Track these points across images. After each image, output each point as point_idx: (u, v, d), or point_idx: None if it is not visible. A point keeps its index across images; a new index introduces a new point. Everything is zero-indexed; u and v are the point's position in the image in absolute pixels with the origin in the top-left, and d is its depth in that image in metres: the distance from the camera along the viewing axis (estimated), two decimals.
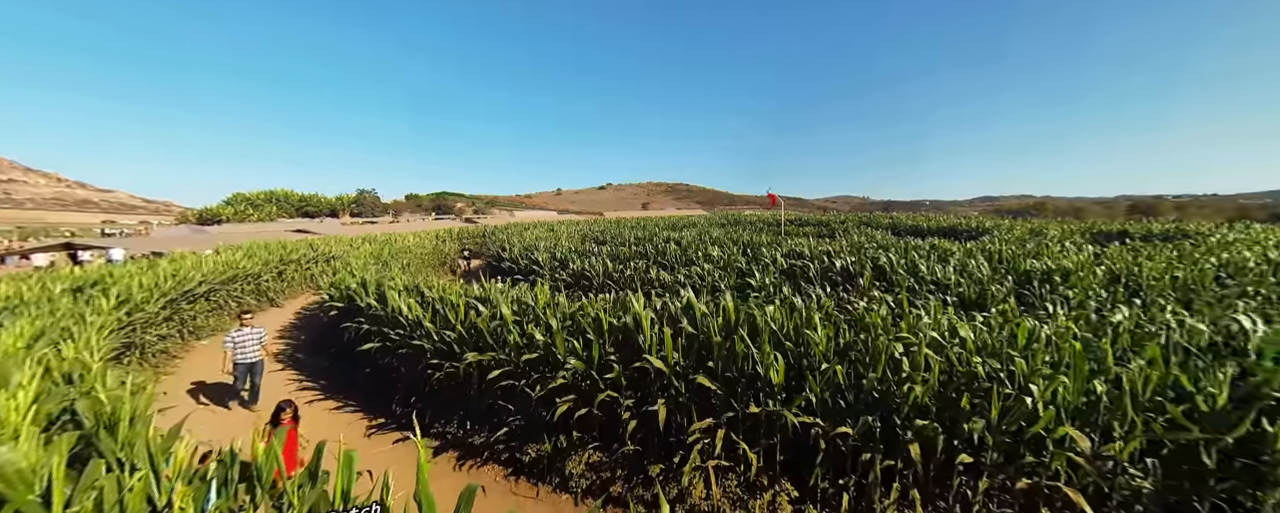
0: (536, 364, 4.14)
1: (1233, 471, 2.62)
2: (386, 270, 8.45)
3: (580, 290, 7.62)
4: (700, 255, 9.40)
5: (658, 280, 7.38)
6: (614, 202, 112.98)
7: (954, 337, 3.30)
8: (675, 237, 13.90)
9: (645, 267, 8.56)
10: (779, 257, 8.73)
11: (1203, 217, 31.15)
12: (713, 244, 11.42)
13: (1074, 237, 11.65)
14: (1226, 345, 3.16)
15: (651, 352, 3.61)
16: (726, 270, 7.70)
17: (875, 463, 3.04)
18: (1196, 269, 5.97)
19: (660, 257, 10.00)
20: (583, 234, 19.07)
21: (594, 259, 10.01)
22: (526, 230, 21.78)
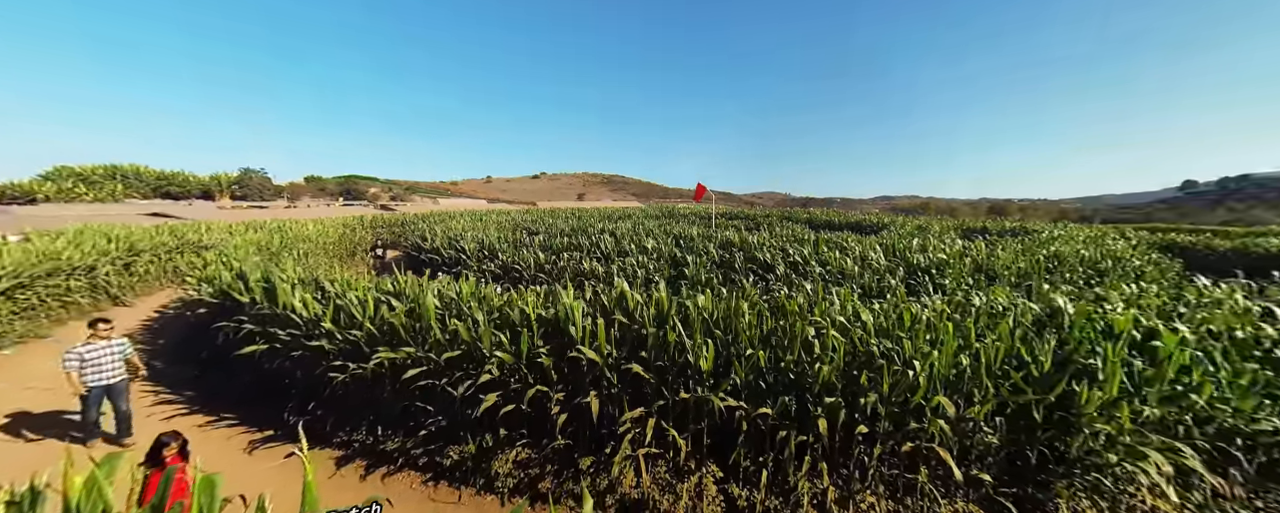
0: (460, 361, 3.89)
1: (1053, 422, 3.28)
2: (277, 262, 7.36)
3: (510, 283, 7.30)
4: (635, 247, 9.50)
5: (592, 272, 7.32)
6: (549, 191, 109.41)
7: (857, 321, 3.71)
8: (611, 228, 13.88)
9: (580, 258, 8.45)
10: (711, 248, 9.12)
11: (1037, 217, 38.76)
12: (648, 236, 11.62)
13: (949, 232, 13.69)
14: (1050, 320, 3.95)
15: (584, 344, 3.57)
16: (661, 261, 7.88)
17: (790, 439, 3.33)
18: (1033, 260, 7.39)
19: (595, 248, 9.94)
20: (514, 224, 18.33)
21: (526, 250, 9.66)
22: (452, 219, 20.36)
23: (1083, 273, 7.26)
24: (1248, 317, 4.07)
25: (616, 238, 11.00)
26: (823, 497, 3.31)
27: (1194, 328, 3.74)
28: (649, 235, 11.69)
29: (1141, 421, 3.18)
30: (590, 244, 10.33)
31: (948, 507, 3.19)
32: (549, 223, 18.06)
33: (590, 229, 13.84)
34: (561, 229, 14.50)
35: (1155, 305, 4.42)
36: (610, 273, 7.14)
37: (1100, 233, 13.91)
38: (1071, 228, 15.54)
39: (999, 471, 3.29)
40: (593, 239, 10.96)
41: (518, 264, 8.76)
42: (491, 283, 5.01)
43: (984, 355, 3.32)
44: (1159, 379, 3.23)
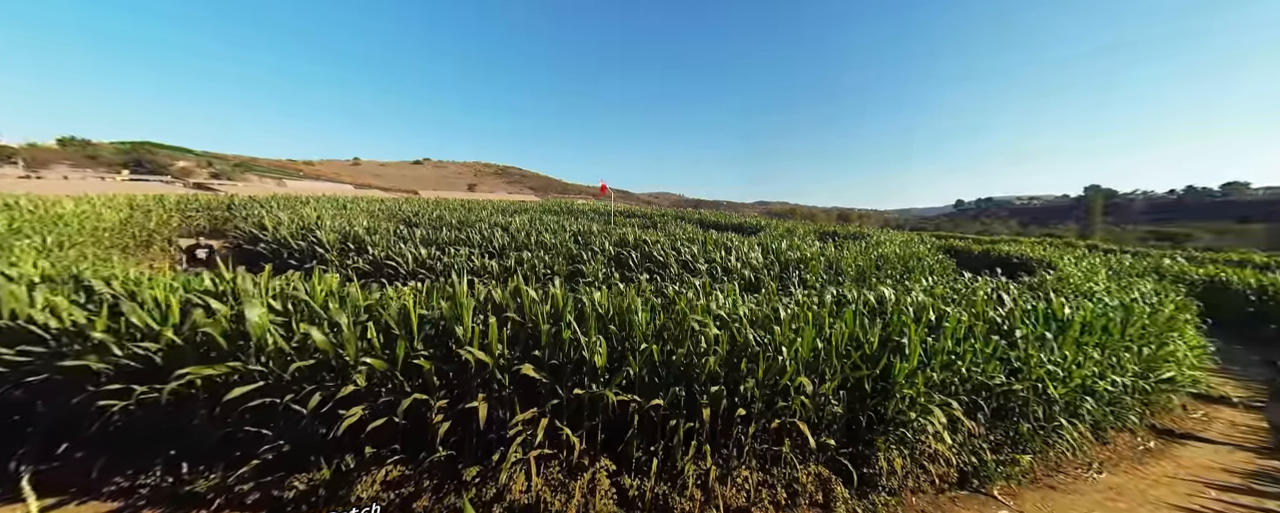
0: (315, 372, 3.25)
1: (877, 391, 4.09)
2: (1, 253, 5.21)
3: (384, 280, 6.34)
4: (531, 242, 9.05)
5: (484, 269, 6.78)
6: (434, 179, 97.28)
7: (738, 315, 4.11)
8: (504, 222, 13.01)
9: (470, 253, 7.74)
10: (608, 245, 9.18)
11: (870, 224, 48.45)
12: (545, 231, 11.19)
13: (810, 235, 16.05)
14: (879, 308, 4.92)
15: (473, 344, 3.29)
16: (558, 258, 7.66)
17: (679, 427, 3.55)
18: (868, 259, 9.12)
19: (488, 243, 9.21)
20: (390, 214, 16.00)
21: (405, 244, 8.49)
22: (304, 205, 16.85)
23: (899, 269, 9.25)
24: (991, 301, 5.61)
25: (511, 233, 10.37)
26: (706, 477, 3.61)
27: (963, 310, 5.02)
28: (546, 231, 11.29)
29: (930, 384, 4.16)
30: (482, 239, 9.56)
31: (804, 471, 3.76)
32: (434, 214, 16.18)
33: (482, 223, 12.80)
34: (448, 222, 13.13)
35: (940, 293, 5.80)
36: (504, 269, 6.72)
37: (909, 238, 17.80)
38: (892, 233, 19.59)
39: (840, 435, 3.98)
40: (484, 233, 10.16)
41: (394, 259, 7.66)
42: (359, 281, 4.28)
43: (833, 340, 3.99)
44: (941, 351, 4.27)
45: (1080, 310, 5.55)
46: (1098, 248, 22.89)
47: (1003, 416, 4.66)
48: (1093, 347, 5.21)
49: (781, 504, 3.71)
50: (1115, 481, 4.59)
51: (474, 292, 3.87)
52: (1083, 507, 4.13)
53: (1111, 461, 4.96)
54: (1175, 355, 6.34)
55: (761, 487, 3.71)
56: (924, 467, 4.10)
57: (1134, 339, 5.84)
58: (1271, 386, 5.70)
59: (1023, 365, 4.66)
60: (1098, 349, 5.25)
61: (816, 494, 3.76)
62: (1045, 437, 4.73)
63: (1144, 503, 4.26)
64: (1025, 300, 5.53)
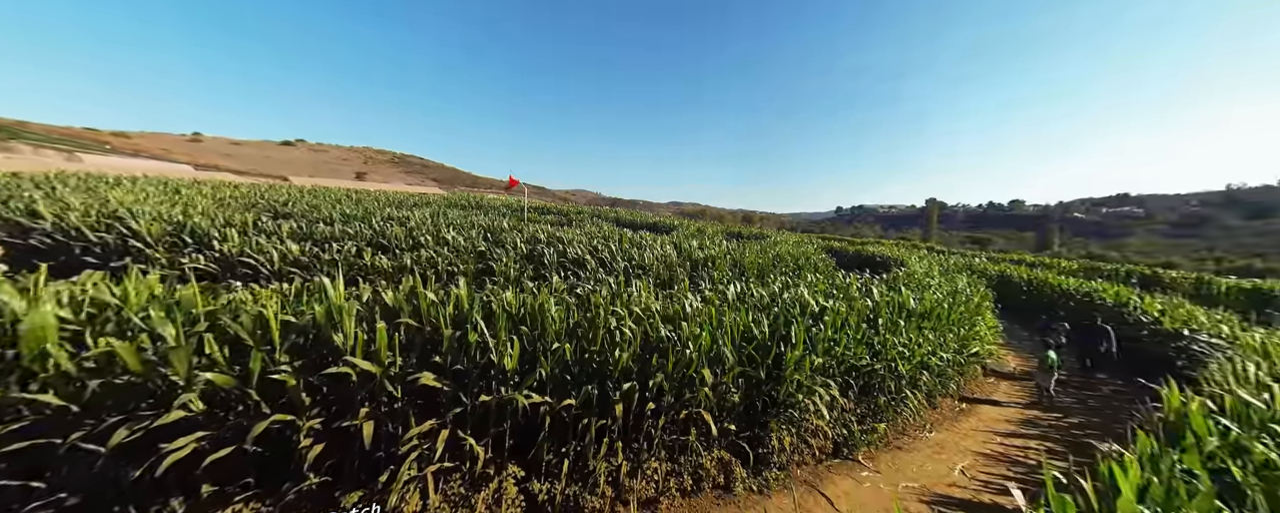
0: (124, 397, 2.53)
1: (770, 378, 4.52)
2: None
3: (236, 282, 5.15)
4: (433, 239, 8.14)
5: (374, 267, 5.91)
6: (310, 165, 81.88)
7: (650, 311, 4.21)
8: (401, 216, 11.52)
9: (356, 250, 6.69)
10: (520, 242, 8.70)
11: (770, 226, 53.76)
12: (449, 227, 10.18)
13: (718, 235, 17.11)
14: (773, 302, 5.44)
15: (356, 353, 2.86)
16: (464, 256, 7.03)
17: (592, 426, 3.52)
18: (767, 257, 10.01)
19: (380, 238, 8.07)
20: (248, 203, 13.13)
21: (268, 238, 6.99)
22: (114, 187, 13.00)
23: (791, 267, 10.34)
24: (862, 295, 6.56)
25: (409, 228, 9.22)
26: (617, 472, 3.64)
27: (841, 303, 5.78)
28: (450, 227, 10.29)
29: (814, 368, 4.73)
30: (373, 234, 8.35)
31: (708, 457, 4.00)
32: (311, 205, 13.66)
33: (372, 216, 11.17)
34: (329, 214, 11.20)
35: (822, 288, 6.62)
36: (399, 269, 5.96)
37: (800, 239, 20.04)
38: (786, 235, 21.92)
39: (739, 420, 4.32)
40: (376, 228, 8.89)
41: (252, 257, 6.26)
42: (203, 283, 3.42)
43: (732, 332, 4.30)
44: (822, 339, 4.88)
45: (923, 300, 6.76)
46: (934, 249, 28.65)
47: (867, 392, 5.49)
48: (929, 330, 6.41)
49: (687, 491, 3.91)
50: (939, 437, 5.74)
51: (357, 293, 3.37)
52: (919, 460, 5.08)
53: (937, 422, 6.18)
54: (980, 335, 8.11)
55: (670, 476, 3.87)
56: (807, 442, 4.65)
57: (955, 323, 7.32)
58: (1039, 358, 7.64)
59: (882, 348, 5.54)
60: (932, 331, 6.47)
61: (719, 477, 4.04)
62: (895, 407, 5.70)
63: (958, 452, 5.40)
64: (886, 294, 6.57)
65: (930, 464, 5.02)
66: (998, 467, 5.10)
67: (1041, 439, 5.92)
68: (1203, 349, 6.78)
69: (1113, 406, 7.24)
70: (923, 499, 4.29)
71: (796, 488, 4.25)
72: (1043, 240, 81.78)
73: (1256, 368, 5.05)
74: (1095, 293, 11.36)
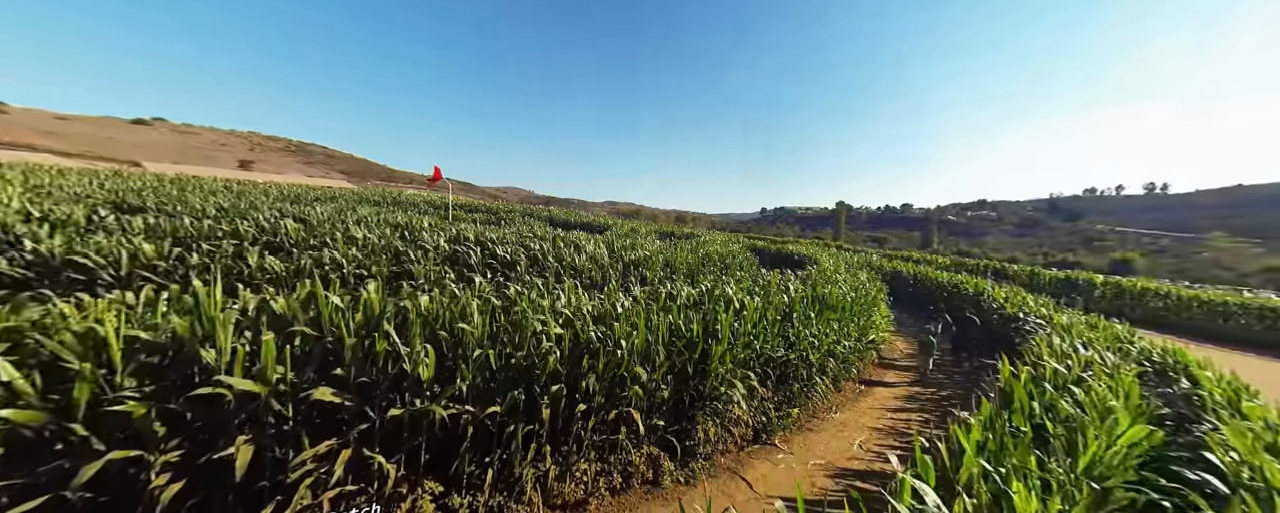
0: None
1: (697, 372, 4.70)
2: None
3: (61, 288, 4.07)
4: (339, 237, 7.16)
5: (264, 270, 5.04)
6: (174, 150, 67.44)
7: (581, 312, 4.14)
8: (299, 212, 9.98)
9: (239, 250, 5.65)
10: (443, 242, 8.04)
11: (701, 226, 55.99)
12: (358, 224, 9.05)
13: (652, 235, 17.36)
14: (702, 299, 5.65)
15: (235, 370, 2.44)
16: (377, 257, 6.31)
17: (517, 432, 3.39)
18: (697, 257, 10.35)
19: (271, 237, 6.91)
20: (77, 195, 10.53)
21: (109, 237, 5.61)
22: None
23: (719, 265, 10.81)
24: (780, 290, 7.08)
25: (308, 225, 8.02)
26: (545, 477, 3.55)
27: (761, 299, 6.18)
28: (360, 224, 9.16)
29: (737, 361, 5.01)
30: (260, 232, 7.14)
31: (638, 453, 4.06)
32: (176, 198, 11.29)
33: (257, 211, 9.54)
34: (198, 208, 9.36)
35: (746, 285, 7.03)
36: (295, 271, 5.18)
37: (728, 239, 21.06)
38: (716, 235, 22.93)
39: (668, 415, 4.43)
40: (265, 225, 7.62)
41: (86, 259, 4.98)
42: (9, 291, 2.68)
43: (662, 330, 4.39)
44: (744, 333, 5.19)
45: (831, 294, 7.47)
46: (842, 248, 31.94)
47: (783, 380, 5.95)
48: (835, 321, 7.11)
49: (617, 488, 3.94)
50: (843, 417, 6.41)
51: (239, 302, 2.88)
52: (825, 439, 5.63)
53: (841, 403, 6.90)
54: (876, 324, 9.18)
55: (599, 476, 3.86)
56: (730, 430, 4.92)
57: (856, 313, 8.20)
58: (921, 341, 8.86)
59: (796, 339, 6.03)
60: (838, 322, 7.19)
61: (648, 472, 4.12)
62: (807, 392, 6.25)
63: (857, 429, 6.08)
64: (800, 289, 7.15)
65: (835, 442, 5.59)
66: (888, 439, 5.83)
67: (920, 412, 6.88)
68: (1031, 328, 8.33)
69: (974, 379, 8.65)
70: (828, 474, 4.76)
71: (720, 475, 4.49)
72: (925, 240, 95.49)
73: (1062, 340, 6.37)
74: (961, 284, 13.43)
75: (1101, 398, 3.88)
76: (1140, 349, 6.17)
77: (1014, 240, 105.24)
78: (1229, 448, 3.17)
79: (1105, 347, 6.22)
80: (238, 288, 3.08)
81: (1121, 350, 6.07)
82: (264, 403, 2.49)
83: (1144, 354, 6.05)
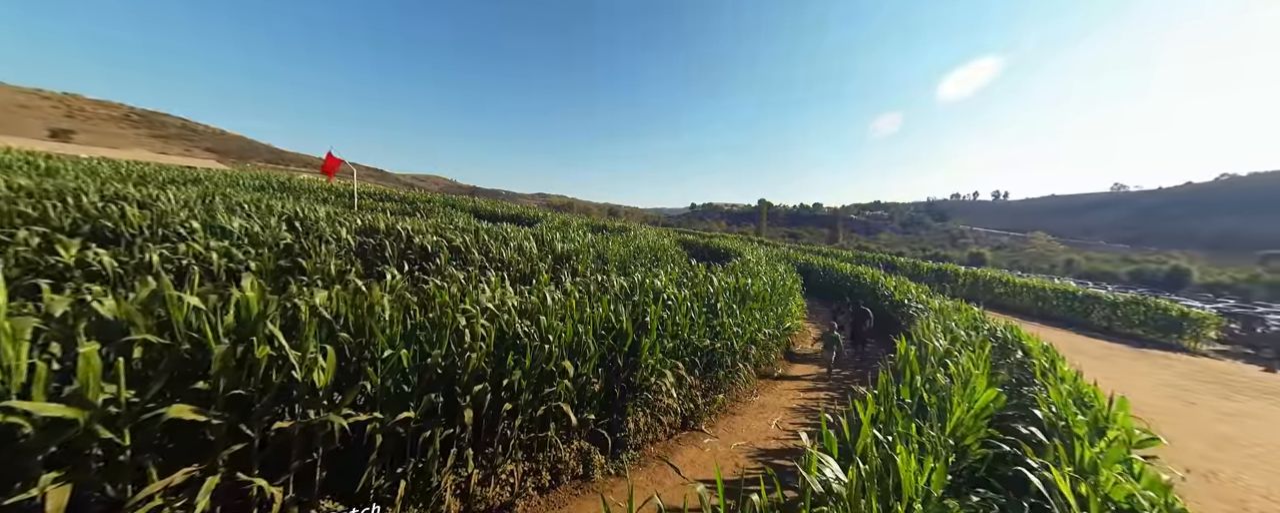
0: None
1: (628, 365, 4.72)
2: None
3: None
4: (200, 227, 5.91)
5: (86, 264, 3.98)
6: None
7: (505, 306, 3.93)
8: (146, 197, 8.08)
9: (47, 240, 4.41)
10: (346, 233, 7.10)
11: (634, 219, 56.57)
12: (231, 212, 7.61)
13: (583, 228, 17.05)
14: (633, 291, 5.68)
15: (36, 393, 1.91)
16: (259, 250, 5.35)
17: (435, 438, 3.13)
18: (629, 250, 10.38)
19: (99, 224, 5.51)
20: None
21: None
22: None
23: (650, 258, 10.96)
24: (706, 282, 7.37)
25: (153, 211, 6.51)
26: (467, 483, 3.33)
27: (688, 291, 6.38)
28: (234, 212, 7.72)
29: (666, 351, 5.12)
30: (84, 218, 5.68)
31: (567, 449, 3.98)
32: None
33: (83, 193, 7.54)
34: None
35: (675, 278, 7.20)
36: (139, 267, 4.21)
37: (660, 232, 21.43)
38: (647, 229, 23.17)
39: (598, 409, 4.40)
40: (91, 210, 6.07)
41: None
42: None
43: (592, 323, 4.34)
44: (671, 324, 5.32)
45: (754, 285, 7.95)
46: (764, 242, 34.29)
47: (709, 368, 6.21)
48: (757, 310, 7.59)
49: (545, 487, 3.82)
50: (763, 399, 6.89)
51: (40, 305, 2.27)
52: (747, 421, 6.00)
53: (761, 387, 7.39)
54: (792, 312, 9.98)
55: (527, 476, 3.71)
56: (660, 420, 5.02)
57: (775, 303, 8.84)
58: (824, 333, 9.45)
59: (722, 328, 6.33)
60: (759, 311, 7.69)
61: (578, 468, 4.05)
62: (731, 379, 6.60)
63: (775, 410, 6.56)
64: (726, 281, 7.50)
65: (756, 423, 5.98)
66: (800, 417, 6.37)
67: (829, 391, 7.63)
68: (914, 312, 9.64)
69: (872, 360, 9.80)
70: (749, 454, 5.08)
71: (650, 464, 4.57)
72: (833, 236, 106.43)
73: (938, 323, 7.48)
74: (862, 275, 15.12)
75: (966, 370, 4.59)
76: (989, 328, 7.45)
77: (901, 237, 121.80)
78: (1049, 403, 3.93)
79: (966, 326, 7.38)
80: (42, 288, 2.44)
81: (976, 329, 7.27)
82: (85, 431, 2.00)
83: (991, 332, 7.31)
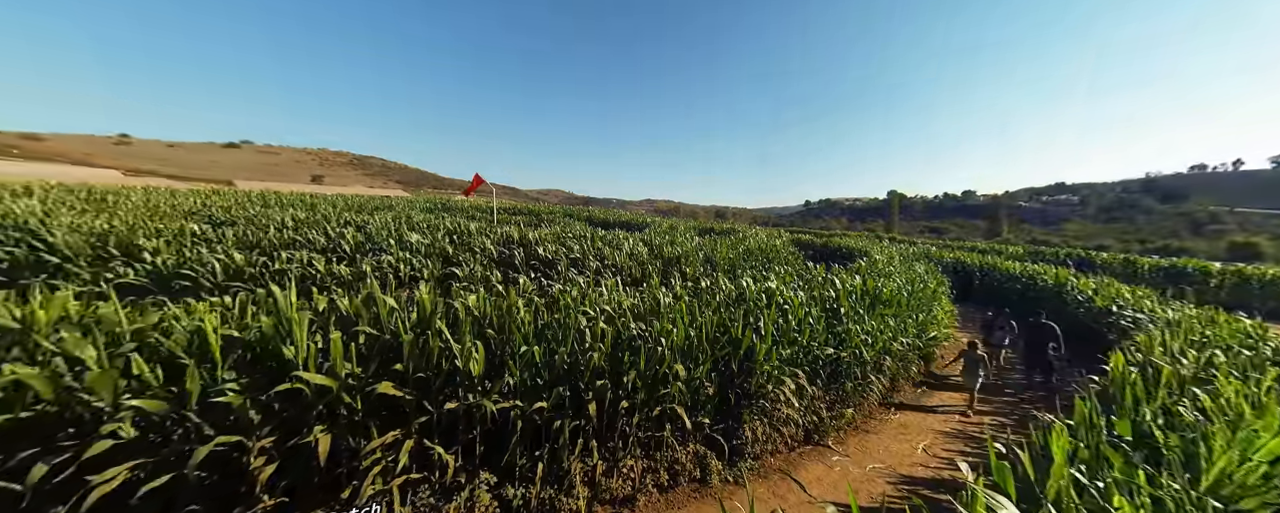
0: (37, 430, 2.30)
1: (742, 370, 4.60)
2: None
3: (169, 297, 4.77)
4: (395, 242, 7.82)
5: (330, 274, 5.62)
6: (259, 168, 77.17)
7: (621, 309, 4.19)
8: (360, 221, 11.02)
9: (309, 258, 6.34)
10: (488, 244, 8.49)
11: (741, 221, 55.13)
12: (412, 230, 9.81)
13: (690, 231, 17.32)
14: (739, 297, 5.54)
15: (309, 366, 2.71)
16: (429, 260, 6.79)
17: (565, 427, 3.48)
18: (737, 252, 10.19)
19: (335, 245, 7.67)
20: (186, 210, 12.32)
21: (208, 248, 6.53)
22: (21, 196, 11.83)
23: (760, 260, 10.58)
24: (826, 285, 6.79)
25: (368, 233, 8.80)
26: (592, 473, 3.62)
27: (805, 294, 5.96)
28: (413, 230, 9.91)
29: (782, 359, 4.85)
30: (328, 240, 7.93)
31: (683, 451, 4.04)
32: (257, 213, 12.91)
33: (328, 221, 10.62)
34: (280, 220, 10.58)
35: (789, 280, 6.80)
36: (357, 275, 5.70)
37: (770, 233, 20.49)
38: (757, 230, 22.34)
39: (713, 414, 4.37)
40: (332, 234, 8.46)
41: (190, 269, 5.82)
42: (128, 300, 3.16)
43: (704, 327, 4.35)
44: (789, 330, 5.01)
45: (884, 289, 7.05)
46: (895, 240, 29.87)
47: (835, 378, 5.69)
48: (890, 316, 6.70)
49: (664, 486, 3.93)
50: (904, 418, 6.01)
51: (311, 303, 3.19)
52: (884, 442, 5.30)
53: (901, 404, 6.49)
54: (937, 319, 8.55)
55: (646, 473, 3.88)
56: (779, 430, 4.77)
57: (914, 308, 7.68)
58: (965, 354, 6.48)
59: (847, 336, 5.74)
60: (893, 318, 6.77)
61: (695, 471, 4.08)
62: (861, 392, 5.93)
63: (920, 432, 5.67)
64: (849, 284, 6.81)
65: (895, 444, 5.25)
66: (957, 443, 5.39)
67: (995, 415, 6.31)
68: (1128, 323, 7.39)
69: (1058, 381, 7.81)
70: (889, 480, 4.48)
71: (770, 476, 4.35)
72: (993, 228, 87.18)
73: (1175, 338, 5.58)
74: (1039, 275, 12.18)
75: (1234, 405, 3.34)
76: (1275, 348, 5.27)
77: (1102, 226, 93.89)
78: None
79: (1233, 343, 5.37)
80: (312, 291, 3.41)
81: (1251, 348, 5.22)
82: (336, 396, 2.74)
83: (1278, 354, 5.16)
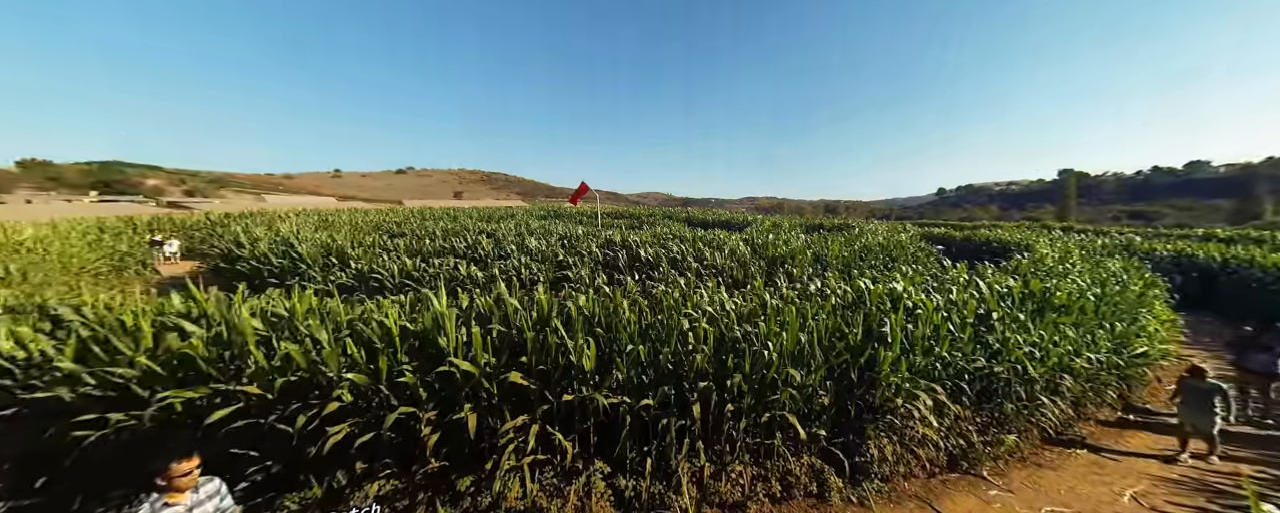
0: (299, 389, 3.21)
1: (863, 380, 4.16)
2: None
3: (366, 293, 6.32)
4: (516, 249, 9.10)
5: (469, 277, 6.79)
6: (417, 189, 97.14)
7: (724, 310, 4.17)
8: (490, 229, 13.09)
9: (454, 263, 7.76)
10: (594, 248, 9.23)
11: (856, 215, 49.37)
12: (530, 236, 11.24)
13: (796, 229, 16.31)
14: (857, 300, 5.02)
15: (458, 354, 3.28)
16: (544, 263, 7.71)
17: (670, 426, 3.57)
18: (852, 250, 9.31)
19: (473, 251, 9.22)
20: (374, 226, 16.07)
21: (388, 256, 8.48)
22: (284, 221, 16.79)
23: (882, 259, 9.47)
24: (970, 289, 5.76)
25: (496, 240, 10.39)
26: (700, 474, 3.63)
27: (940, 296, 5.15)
28: (531, 236, 11.33)
29: (914, 370, 4.26)
30: (467, 247, 9.57)
31: (797, 462, 3.80)
32: (418, 225, 16.29)
33: (467, 231, 12.84)
34: (432, 231, 13.14)
35: (919, 281, 5.93)
36: (489, 277, 6.75)
37: (893, 228, 18.04)
38: (877, 225, 19.89)
39: (830, 425, 4.03)
40: (470, 242, 10.17)
41: (378, 272, 7.64)
42: (341, 295, 4.26)
43: (816, 332, 4.06)
44: (922, 338, 4.37)
45: (1057, 291, 5.72)
46: (1073, 230, 23.22)
47: (987, 397, 4.78)
48: (1068, 325, 5.38)
49: (776, 497, 3.74)
50: (1096, 455, 4.74)
51: (457, 301, 3.86)
52: (1067, 481, 4.24)
53: (1093, 435, 5.11)
54: (1146, 330, 6.57)
55: (756, 480, 3.75)
56: (914, 452, 4.17)
57: (1106, 316, 6.04)
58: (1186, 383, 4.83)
59: (1001, 347, 4.79)
60: (1073, 327, 5.42)
61: (810, 485, 3.80)
62: (1028, 415, 4.86)
63: (1126, 474, 4.40)
64: (1001, 284, 5.69)
65: (1085, 487, 4.17)
66: (1188, 495, 4.07)
67: (1257, 463, 4.59)
68: None
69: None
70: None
71: (905, 503, 3.82)
72: (1247, 209, 62.09)
73: None
74: None
75: None
76: None
77: None
78: None
79: None
80: (457, 291, 4.12)
81: None
82: (478, 380, 3.26)
83: None
